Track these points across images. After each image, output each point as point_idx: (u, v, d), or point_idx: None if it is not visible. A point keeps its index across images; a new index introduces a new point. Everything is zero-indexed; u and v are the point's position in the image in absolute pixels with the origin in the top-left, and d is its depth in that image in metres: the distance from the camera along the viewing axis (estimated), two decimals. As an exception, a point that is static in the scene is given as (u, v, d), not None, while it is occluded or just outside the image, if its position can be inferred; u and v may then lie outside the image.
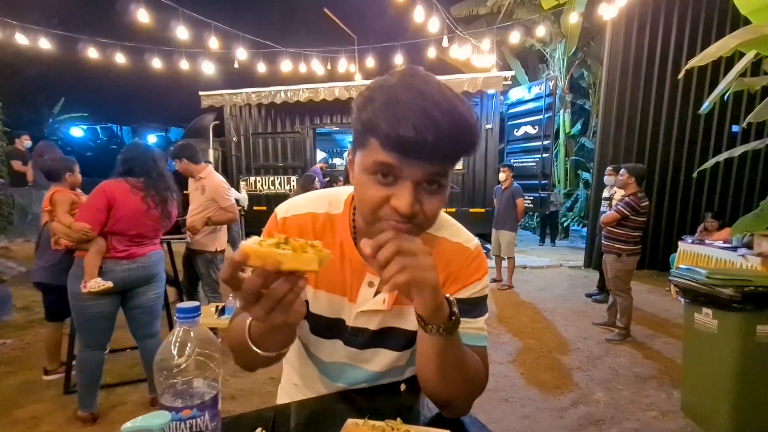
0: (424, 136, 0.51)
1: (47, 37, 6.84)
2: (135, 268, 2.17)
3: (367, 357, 0.75)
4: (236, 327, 0.66)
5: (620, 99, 6.22)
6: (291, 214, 0.73)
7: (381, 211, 0.58)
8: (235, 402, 2.52)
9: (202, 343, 0.53)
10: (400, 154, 0.54)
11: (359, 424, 0.61)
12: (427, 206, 0.58)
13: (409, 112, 0.52)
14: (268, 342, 0.59)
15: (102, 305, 2.10)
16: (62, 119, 15.29)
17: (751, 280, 2.12)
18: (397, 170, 0.55)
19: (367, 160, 0.57)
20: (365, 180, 0.58)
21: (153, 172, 2.21)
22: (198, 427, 0.52)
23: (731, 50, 2.59)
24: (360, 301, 0.72)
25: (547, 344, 3.54)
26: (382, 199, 0.57)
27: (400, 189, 0.56)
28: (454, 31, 7.79)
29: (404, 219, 0.56)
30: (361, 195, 0.60)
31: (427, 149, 0.53)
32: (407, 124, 0.51)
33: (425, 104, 0.52)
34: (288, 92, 7.89)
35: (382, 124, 0.53)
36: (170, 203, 2.27)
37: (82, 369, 2.18)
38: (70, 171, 2.69)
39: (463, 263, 0.73)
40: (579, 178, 10.69)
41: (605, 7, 5.68)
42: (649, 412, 2.54)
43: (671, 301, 4.76)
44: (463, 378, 0.65)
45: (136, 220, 2.14)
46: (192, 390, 0.52)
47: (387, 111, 0.53)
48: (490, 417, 2.42)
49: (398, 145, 0.53)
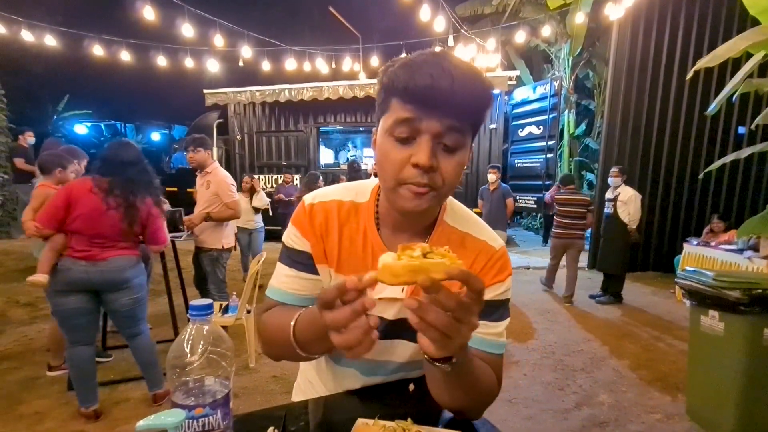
0: (440, 83, 0.55)
1: (52, 34, 6.85)
2: (94, 271, 2.08)
3: (386, 348, 0.74)
4: (277, 323, 0.66)
5: (626, 100, 6.18)
6: (318, 201, 0.74)
7: (401, 174, 0.59)
8: (238, 400, 2.52)
9: (214, 341, 0.53)
10: (418, 106, 0.57)
11: (369, 424, 0.61)
12: (444, 167, 0.59)
13: (425, 66, 0.56)
14: (315, 347, 0.60)
15: (69, 302, 2.08)
16: (66, 116, 15.36)
17: (759, 283, 2.10)
18: (416, 123, 0.58)
19: (387, 122, 0.60)
20: (386, 144, 0.61)
21: (121, 174, 2.13)
22: (210, 425, 0.51)
23: (741, 51, 2.58)
24: (379, 288, 0.71)
25: (551, 345, 3.53)
26: (403, 160, 0.59)
27: (419, 144, 0.58)
28: (459, 30, 7.77)
29: (423, 175, 0.58)
30: (382, 161, 0.62)
31: (442, 98, 0.55)
32: (423, 73, 0.55)
33: (440, 60, 0.57)
34: (292, 91, 7.91)
35: (401, 79, 0.57)
36: (135, 208, 2.15)
37: (71, 364, 2.20)
38: (61, 167, 2.68)
39: (487, 263, 0.71)
40: (583, 179, 10.65)
41: (611, 7, 5.65)
42: (654, 414, 2.52)
43: (676, 303, 4.73)
44: (474, 396, 0.65)
45: (93, 220, 2.07)
46: (204, 388, 0.52)
47: (404, 68, 0.58)
48: (494, 418, 2.39)
49: (415, 94, 0.56)
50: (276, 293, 0.74)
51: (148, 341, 2.32)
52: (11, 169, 6.82)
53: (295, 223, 0.73)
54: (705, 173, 4.29)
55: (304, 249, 0.72)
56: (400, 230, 0.71)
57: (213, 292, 3.19)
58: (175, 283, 3.10)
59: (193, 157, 3.11)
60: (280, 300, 0.73)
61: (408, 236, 0.71)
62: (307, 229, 0.72)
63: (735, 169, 5.84)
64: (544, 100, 7.75)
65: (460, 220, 0.74)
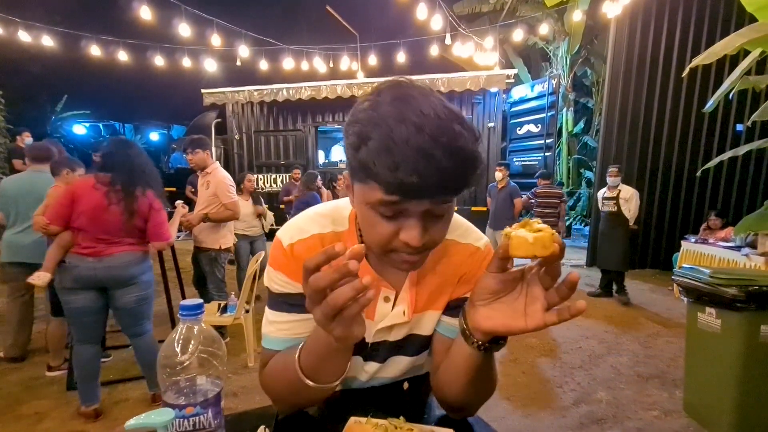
0: (427, 181, 0.48)
1: (50, 34, 6.86)
2: (100, 267, 2.09)
3: (386, 367, 0.75)
4: (278, 368, 0.65)
5: (623, 97, 6.19)
6: (297, 240, 0.68)
7: (391, 245, 0.56)
8: (237, 399, 2.53)
9: (205, 341, 0.53)
10: (404, 196, 0.51)
11: (362, 422, 0.61)
12: (435, 232, 0.57)
13: (409, 154, 0.48)
14: (323, 372, 0.58)
15: (78, 300, 2.10)
16: (65, 117, 15.34)
17: (755, 280, 2.11)
18: (402, 205, 0.53)
19: (368, 198, 0.54)
20: (369, 215, 0.56)
21: (121, 168, 2.15)
22: (201, 424, 0.52)
23: (737, 48, 2.57)
24: (378, 318, 0.70)
25: (549, 343, 3.54)
26: (390, 234, 0.55)
27: (408, 223, 0.54)
28: (456, 28, 7.76)
29: (415, 251, 0.56)
30: (368, 230, 0.58)
31: (431, 189, 0.50)
32: (408, 169, 0.48)
33: (424, 143, 0.48)
34: (290, 90, 7.90)
35: (381, 171, 0.49)
36: (135, 200, 2.16)
37: (77, 362, 2.21)
38: (69, 169, 2.73)
39: (474, 264, 0.72)
40: (581, 176, 10.66)
41: (609, 5, 5.65)
42: (651, 411, 2.53)
43: (674, 300, 4.74)
44: (488, 389, 0.67)
45: (97, 216, 2.08)
46: (195, 387, 0.52)
47: (385, 156, 0.48)
48: (492, 415, 2.41)
49: (401, 189, 0.50)
50: (278, 343, 0.68)
51: (152, 341, 2.33)
52: (9, 170, 6.81)
53: (280, 268, 0.67)
54: (703, 170, 4.30)
55: (298, 291, 0.66)
56: None
57: (212, 291, 3.19)
58: (174, 282, 3.10)
59: (191, 159, 3.12)
60: (284, 349, 0.67)
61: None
62: (295, 272, 0.66)
63: (733, 166, 5.85)
64: (543, 98, 7.74)
65: None
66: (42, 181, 2.78)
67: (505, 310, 0.54)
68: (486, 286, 0.55)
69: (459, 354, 0.61)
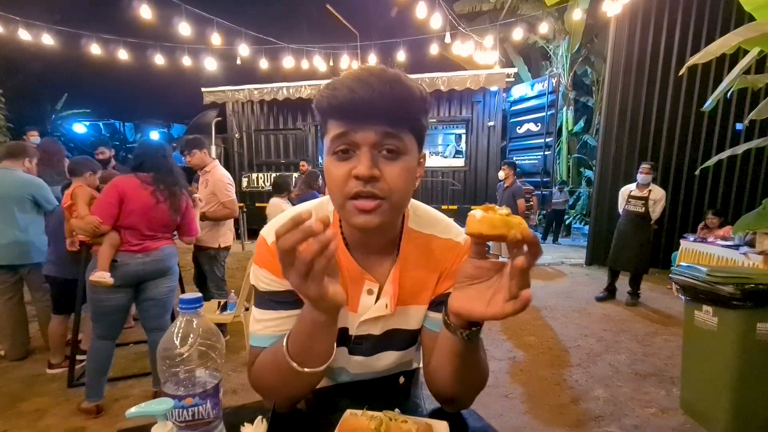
0: (360, 94, 0.55)
1: (50, 33, 6.85)
2: (149, 262, 2.20)
3: (373, 361, 0.76)
4: (267, 359, 0.66)
5: (623, 96, 6.19)
6: None
7: (346, 188, 0.59)
8: (237, 396, 2.54)
9: (204, 334, 0.54)
10: (347, 120, 0.58)
11: (357, 415, 0.62)
12: (389, 174, 0.59)
13: (345, 80, 0.57)
14: (310, 354, 0.60)
15: (116, 298, 2.15)
16: (65, 115, 15.35)
17: (752, 278, 2.12)
18: (350, 137, 0.58)
19: (327, 143, 0.61)
20: (329, 163, 0.61)
21: (162, 168, 2.25)
22: (200, 414, 0.53)
23: (734, 47, 2.58)
24: (361, 310, 0.72)
25: (548, 341, 3.55)
26: (345, 174, 0.59)
27: (359, 157, 0.59)
28: (456, 27, 7.76)
29: (366, 185, 0.58)
30: (329, 181, 0.62)
31: (366, 107, 0.56)
32: (342, 88, 0.56)
33: (359, 74, 0.57)
34: (290, 89, 7.90)
35: (325, 98, 0.58)
36: (178, 197, 2.30)
37: (94, 357, 2.23)
38: (92, 171, 2.81)
39: (454, 259, 0.73)
40: (581, 175, 10.66)
41: (609, 4, 5.65)
42: (649, 408, 2.54)
43: (673, 298, 4.75)
44: (476, 378, 0.67)
45: (146, 213, 2.18)
46: (194, 379, 0.53)
47: (328, 87, 0.58)
48: (490, 412, 2.43)
49: (341, 109, 0.57)
50: (266, 340, 0.68)
51: None
52: None
53: (265, 265, 0.68)
54: (702, 169, 4.30)
55: (285, 288, 0.67)
56: (369, 250, 0.71)
57: (212, 290, 3.20)
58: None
59: (189, 160, 3.14)
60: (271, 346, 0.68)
61: (379, 255, 0.71)
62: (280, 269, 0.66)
63: (732, 165, 5.85)
64: (542, 97, 7.75)
65: (423, 223, 0.75)
66: (12, 179, 2.77)
67: (473, 294, 0.56)
68: (464, 270, 0.58)
69: (444, 343, 0.63)
